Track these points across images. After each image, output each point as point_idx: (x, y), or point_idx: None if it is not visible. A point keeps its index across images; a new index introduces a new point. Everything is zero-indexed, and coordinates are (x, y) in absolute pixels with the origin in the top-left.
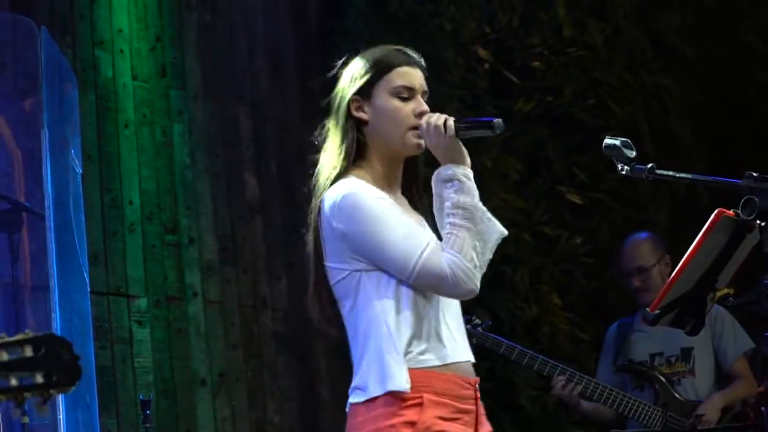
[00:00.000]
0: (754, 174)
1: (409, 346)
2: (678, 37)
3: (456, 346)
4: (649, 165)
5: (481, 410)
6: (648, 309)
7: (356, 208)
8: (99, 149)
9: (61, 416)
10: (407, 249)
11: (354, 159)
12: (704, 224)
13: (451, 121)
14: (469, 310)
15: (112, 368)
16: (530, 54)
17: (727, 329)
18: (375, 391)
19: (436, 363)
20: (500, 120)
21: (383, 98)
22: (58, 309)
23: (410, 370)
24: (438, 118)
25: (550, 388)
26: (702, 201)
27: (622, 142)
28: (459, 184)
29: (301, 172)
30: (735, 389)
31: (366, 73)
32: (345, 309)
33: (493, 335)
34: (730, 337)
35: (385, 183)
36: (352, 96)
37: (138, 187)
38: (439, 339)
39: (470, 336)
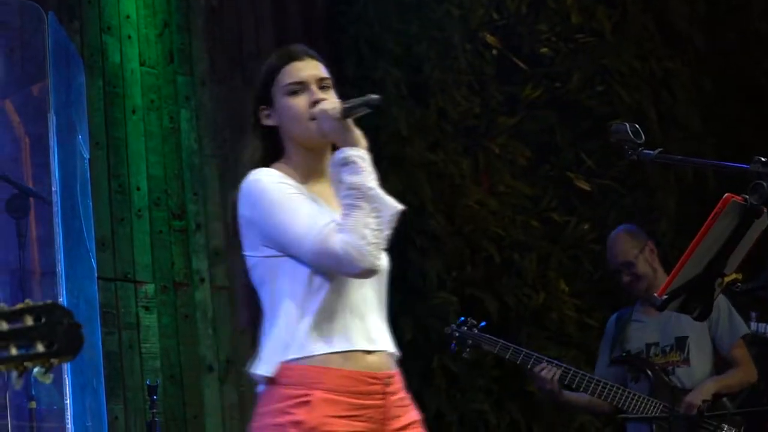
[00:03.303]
0: (763, 159)
1: (306, 336)
2: (687, 24)
3: (367, 338)
4: (657, 150)
5: (398, 403)
6: (656, 294)
7: (259, 193)
8: (106, 135)
9: (68, 401)
10: (304, 231)
11: (278, 156)
12: (712, 210)
13: (338, 104)
14: (467, 309)
15: (119, 354)
16: (538, 40)
17: (723, 315)
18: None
19: (334, 354)
20: (378, 96)
21: (280, 100)
22: (65, 294)
23: (304, 365)
24: (325, 103)
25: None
26: (710, 186)
27: (630, 128)
28: (353, 165)
29: None
30: (730, 376)
31: (261, 82)
32: (263, 297)
33: (488, 336)
34: (726, 323)
35: (306, 174)
36: (259, 106)
37: (145, 173)
38: (345, 330)
39: (465, 338)
